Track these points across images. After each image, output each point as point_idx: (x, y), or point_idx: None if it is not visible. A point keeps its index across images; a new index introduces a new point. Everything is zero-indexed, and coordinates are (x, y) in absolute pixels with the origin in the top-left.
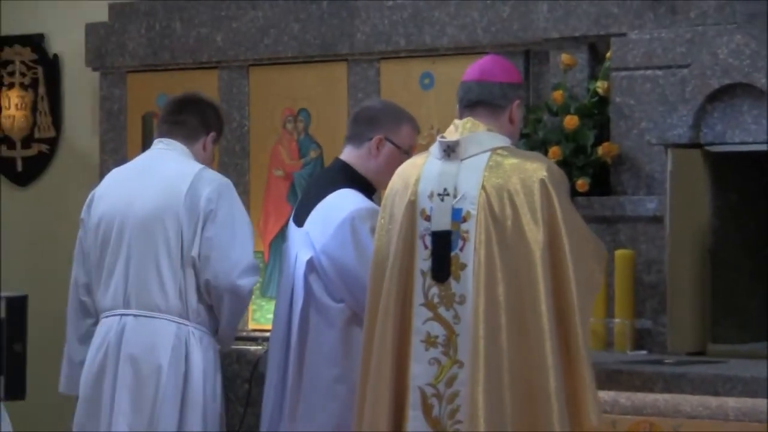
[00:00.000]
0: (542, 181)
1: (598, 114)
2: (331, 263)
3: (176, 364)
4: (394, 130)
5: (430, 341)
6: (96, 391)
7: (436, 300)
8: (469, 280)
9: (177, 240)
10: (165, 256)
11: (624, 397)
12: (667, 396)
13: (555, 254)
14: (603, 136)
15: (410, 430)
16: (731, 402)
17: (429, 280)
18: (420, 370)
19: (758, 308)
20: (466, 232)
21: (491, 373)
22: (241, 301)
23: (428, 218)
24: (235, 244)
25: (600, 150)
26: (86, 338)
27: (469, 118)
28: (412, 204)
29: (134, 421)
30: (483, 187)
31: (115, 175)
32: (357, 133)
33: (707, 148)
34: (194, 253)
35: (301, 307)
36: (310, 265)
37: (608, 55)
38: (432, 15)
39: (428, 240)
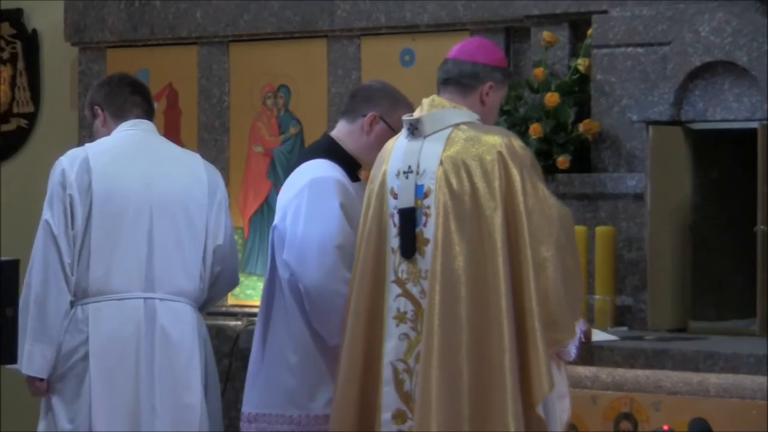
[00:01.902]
0: (500, 154)
1: (578, 91)
2: (288, 229)
3: (200, 347)
4: (389, 110)
5: (400, 317)
6: (124, 363)
7: (404, 276)
8: (430, 255)
9: (202, 226)
10: (190, 241)
11: (605, 373)
12: (648, 372)
13: (513, 229)
14: (584, 113)
15: (384, 405)
16: (712, 378)
17: (398, 257)
18: (391, 346)
19: (739, 285)
20: (428, 207)
21: (446, 348)
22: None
23: (396, 196)
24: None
25: (581, 127)
26: (66, 320)
27: (435, 95)
28: (382, 184)
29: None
30: (441, 162)
31: (113, 151)
32: (353, 109)
33: (688, 125)
34: (220, 241)
35: (268, 276)
36: (276, 232)
37: (589, 32)
38: None
39: (396, 217)
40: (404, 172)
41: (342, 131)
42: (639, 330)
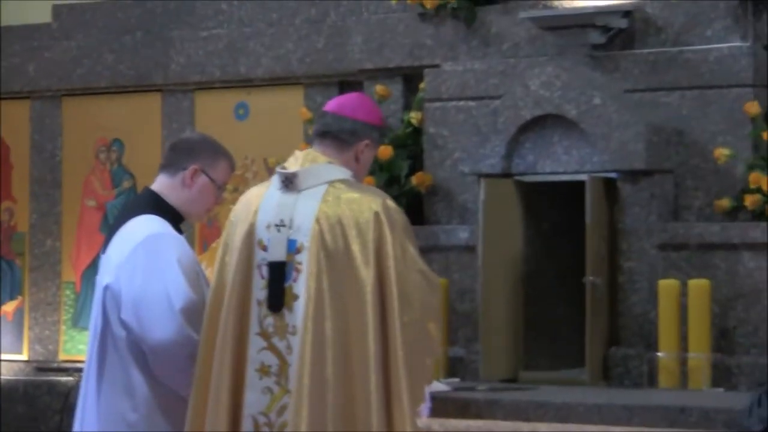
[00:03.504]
0: (376, 215)
1: (412, 144)
2: (123, 288)
3: None
4: (210, 163)
5: (263, 370)
6: None
7: (270, 330)
8: (300, 312)
9: None
10: None
11: (437, 424)
12: (479, 422)
13: (382, 292)
14: (417, 166)
15: None
16: (543, 427)
17: (264, 310)
18: (253, 399)
19: (570, 336)
20: (300, 263)
21: (315, 405)
22: None
23: (265, 248)
24: None
25: (414, 180)
26: None
27: (310, 149)
28: (249, 235)
29: None
30: (317, 219)
31: None
32: (173, 162)
33: (519, 178)
34: None
35: (99, 335)
36: (109, 291)
37: (422, 86)
38: (247, 45)
39: (264, 270)
40: (276, 225)
41: (163, 185)
42: (471, 380)
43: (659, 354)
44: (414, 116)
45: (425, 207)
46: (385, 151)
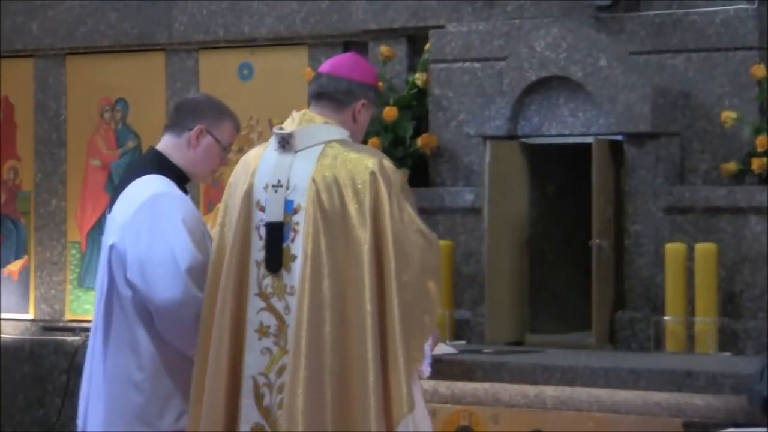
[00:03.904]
0: (372, 174)
1: (417, 105)
2: (129, 248)
3: None
4: (216, 123)
5: (262, 331)
6: None
7: (269, 290)
8: (297, 272)
9: None
10: None
11: (444, 387)
12: (486, 385)
13: (379, 251)
14: (422, 127)
15: (243, 418)
16: (549, 391)
17: (263, 271)
18: (252, 360)
19: (575, 299)
20: (297, 223)
21: (312, 364)
22: None
23: (263, 209)
24: None
25: (419, 141)
26: None
27: (306, 110)
28: (248, 195)
29: None
30: (313, 180)
31: None
32: (178, 122)
33: (524, 140)
34: None
35: (105, 294)
36: (114, 251)
37: (426, 47)
38: (251, 5)
39: (263, 231)
40: (273, 186)
41: (168, 145)
42: (477, 343)
43: (666, 318)
44: (419, 77)
45: (430, 169)
46: (390, 112)
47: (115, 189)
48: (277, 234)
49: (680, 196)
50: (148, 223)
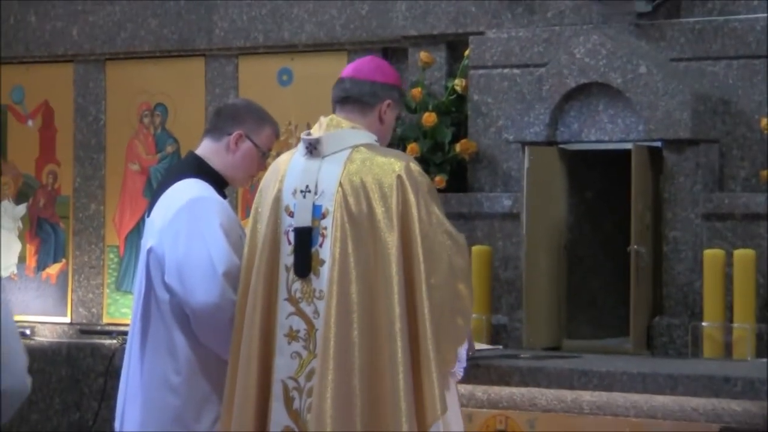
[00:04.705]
0: (399, 178)
1: (456, 111)
2: (167, 251)
3: None
4: (255, 129)
5: (292, 335)
6: None
7: (298, 295)
8: (326, 276)
9: None
10: None
11: (480, 391)
12: (523, 390)
13: (408, 254)
14: (461, 133)
15: (273, 421)
16: (586, 396)
17: (292, 275)
18: (282, 364)
19: (613, 304)
20: (325, 228)
21: (341, 368)
22: None
23: (291, 214)
24: None
25: (458, 147)
26: None
27: (333, 115)
28: (277, 200)
29: None
30: (341, 184)
31: None
32: (218, 127)
33: (563, 146)
34: None
35: (143, 298)
36: (152, 254)
37: (466, 53)
38: (291, 11)
39: (291, 236)
40: (301, 191)
41: (208, 149)
42: (514, 348)
43: (704, 323)
44: (458, 83)
45: (469, 174)
46: (429, 118)
47: (153, 193)
48: (305, 239)
49: (719, 202)
50: (186, 227)
